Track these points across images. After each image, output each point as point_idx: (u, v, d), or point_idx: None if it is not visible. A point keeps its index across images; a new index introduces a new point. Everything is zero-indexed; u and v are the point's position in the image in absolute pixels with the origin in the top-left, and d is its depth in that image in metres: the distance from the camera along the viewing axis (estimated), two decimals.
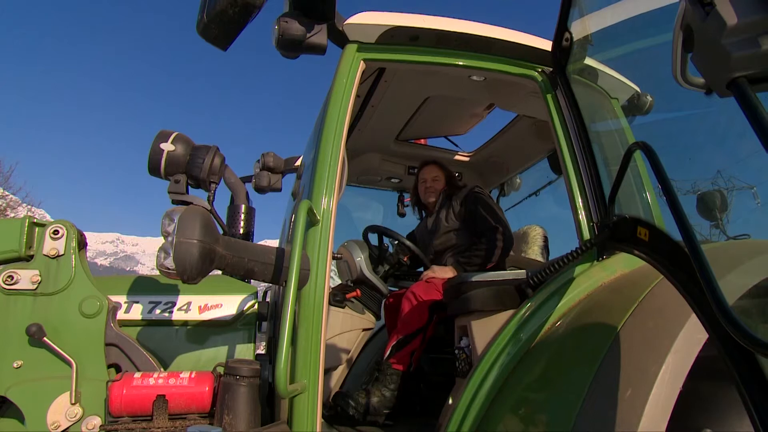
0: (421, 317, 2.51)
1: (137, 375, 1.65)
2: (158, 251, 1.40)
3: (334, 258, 1.97)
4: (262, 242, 2.12)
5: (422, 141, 3.78)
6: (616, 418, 1.32)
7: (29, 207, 18.90)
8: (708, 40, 0.93)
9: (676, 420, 1.31)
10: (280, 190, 3.11)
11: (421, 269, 3.05)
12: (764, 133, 0.84)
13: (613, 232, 1.83)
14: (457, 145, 3.74)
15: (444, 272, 2.63)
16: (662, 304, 1.55)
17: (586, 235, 2.10)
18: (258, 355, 2.35)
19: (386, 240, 3.09)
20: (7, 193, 17.91)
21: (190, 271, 1.38)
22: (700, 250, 1.14)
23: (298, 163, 3.03)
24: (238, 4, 1.40)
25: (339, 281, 3.12)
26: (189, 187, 1.87)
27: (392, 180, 3.82)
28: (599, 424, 1.34)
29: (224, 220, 2.71)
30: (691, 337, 1.38)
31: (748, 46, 0.86)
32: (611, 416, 1.33)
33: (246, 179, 3.06)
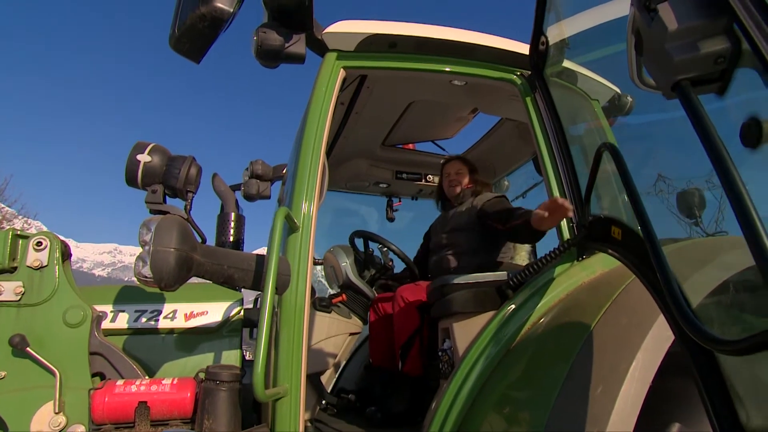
0: (413, 320, 2.53)
1: (119, 383, 1.67)
2: (136, 260, 1.42)
3: (315, 263, 2.00)
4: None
5: (410, 146, 3.81)
6: (586, 415, 1.34)
7: (25, 219, 18.88)
8: (653, 44, 0.96)
9: (646, 415, 1.34)
10: (269, 197, 3.14)
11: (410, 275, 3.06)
12: (705, 134, 0.87)
13: (590, 232, 1.86)
14: (444, 149, 3.77)
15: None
16: (635, 302, 1.58)
17: (567, 235, 2.13)
18: (248, 361, 2.37)
19: (373, 245, 3.11)
20: (2, 205, 17.92)
21: (167, 278, 1.40)
22: (660, 250, 1.16)
23: (286, 170, 3.06)
24: (207, 19, 1.43)
25: (329, 287, 3.15)
26: (166, 196, 1.90)
27: (380, 185, 3.85)
28: (570, 422, 1.36)
29: (214, 228, 2.73)
30: (661, 334, 1.41)
31: (689, 50, 0.89)
32: (582, 413, 1.35)
33: (235, 187, 3.08)
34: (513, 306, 1.93)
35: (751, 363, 1.01)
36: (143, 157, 1.79)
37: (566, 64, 2.40)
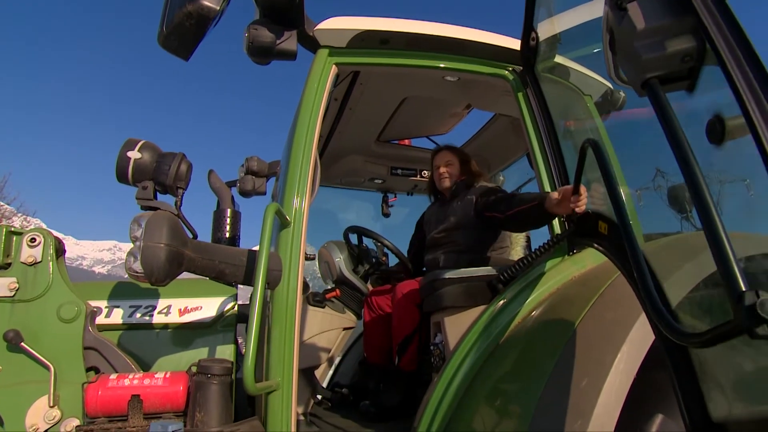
0: (413, 317, 2.53)
1: (113, 376, 1.69)
2: (127, 255, 1.44)
3: (307, 259, 2.02)
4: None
5: (406, 142, 3.82)
6: (572, 407, 1.36)
7: (24, 216, 18.88)
8: (624, 42, 0.98)
9: (631, 407, 1.36)
10: (264, 193, 3.15)
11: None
12: (672, 132, 0.89)
13: (578, 227, 1.88)
14: (438, 145, 3.78)
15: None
16: (621, 296, 1.59)
17: (558, 230, 2.14)
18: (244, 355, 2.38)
19: (368, 240, 3.12)
20: (1, 203, 17.92)
21: (158, 273, 1.42)
22: (636, 244, 1.18)
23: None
24: (194, 17, 1.44)
25: (324, 283, 3.17)
26: (157, 193, 1.92)
27: (375, 181, 3.86)
28: (556, 413, 1.38)
29: (210, 225, 2.74)
30: (646, 328, 1.42)
31: (657, 49, 0.91)
32: (567, 405, 1.37)
33: (231, 184, 3.09)
34: (503, 300, 1.95)
35: (725, 356, 1.03)
36: (133, 154, 1.81)
37: (559, 59, 2.41)
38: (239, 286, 2.27)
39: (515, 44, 2.33)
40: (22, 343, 1.71)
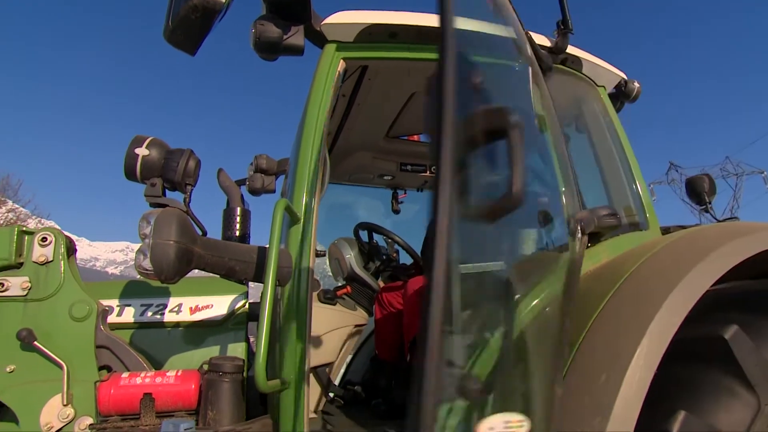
0: None
1: (125, 375, 1.69)
2: (136, 253, 1.44)
3: (317, 256, 2.00)
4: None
5: (415, 137, 3.77)
6: (590, 405, 1.32)
7: (39, 219, 19.16)
8: None
9: (651, 403, 1.32)
10: (273, 191, 3.14)
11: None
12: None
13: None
14: None
15: None
16: (638, 289, 1.55)
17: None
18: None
19: (378, 236, 3.10)
20: (16, 206, 18.20)
21: (167, 271, 1.41)
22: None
23: None
24: (199, 10, 1.43)
25: (335, 280, 3.15)
26: (166, 190, 1.91)
27: (385, 177, 3.82)
28: (574, 410, 1.35)
29: (220, 223, 2.74)
30: (666, 321, 1.38)
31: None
32: (586, 401, 1.33)
33: (240, 182, 3.09)
34: (518, 295, 1.91)
35: None
36: (141, 151, 1.80)
37: (570, 50, 2.36)
38: (250, 284, 2.26)
39: None
40: (35, 342, 1.72)
